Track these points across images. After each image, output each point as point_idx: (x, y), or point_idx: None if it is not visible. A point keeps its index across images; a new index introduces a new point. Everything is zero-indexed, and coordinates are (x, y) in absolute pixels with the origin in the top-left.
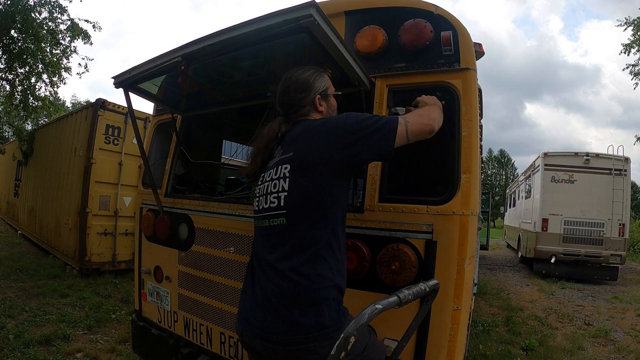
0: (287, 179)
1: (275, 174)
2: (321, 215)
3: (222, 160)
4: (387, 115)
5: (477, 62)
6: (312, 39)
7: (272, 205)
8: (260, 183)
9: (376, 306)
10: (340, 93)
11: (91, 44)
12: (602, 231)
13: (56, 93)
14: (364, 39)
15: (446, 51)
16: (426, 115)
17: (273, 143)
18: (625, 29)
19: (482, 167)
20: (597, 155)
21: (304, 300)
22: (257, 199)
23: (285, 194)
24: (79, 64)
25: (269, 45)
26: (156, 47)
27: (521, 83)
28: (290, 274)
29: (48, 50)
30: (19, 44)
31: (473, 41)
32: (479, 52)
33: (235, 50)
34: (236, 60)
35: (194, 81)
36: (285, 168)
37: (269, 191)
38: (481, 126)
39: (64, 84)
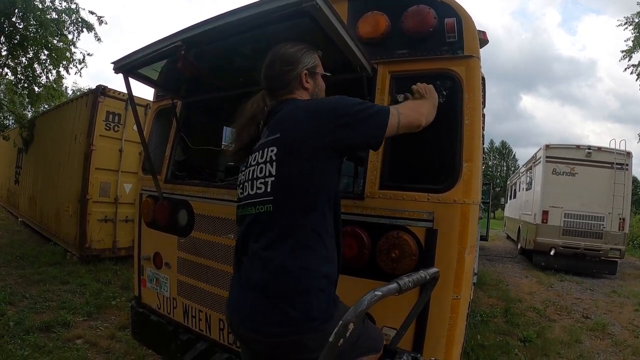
0: (274, 163)
1: (262, 158)
2: (310, 201)
3: (222, 147)
4: (379, 105)
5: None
6: (314, 23)
7: (258, 191)
8: (244, 167)
9: (375, 293)
10: (329, 75)
11: (99, 39)
12: (602, 225)
13: (59, 80)
14: (367, 24)
15: (450, 38)
16: (417, 110)
17: (259, 117)
18: (626, 28)
19: (483, 157)
20: (599, 149)
21: (291, 292)
22: (242, 184)
23: (273, 179)
24: (79, 59)
25: (270, 30)
26: (152, 35)
27: (517, 75)
28: (276, 264)
29: (52, 37)
30: (21, 31)
31: (477, 29)
32: (482, 39)
33: (237, 35)
34: (237, 45)
35: (194, 66)
36: (272, 151)
37: (254, 176)
38: (484, 115)
39: (68, 74)
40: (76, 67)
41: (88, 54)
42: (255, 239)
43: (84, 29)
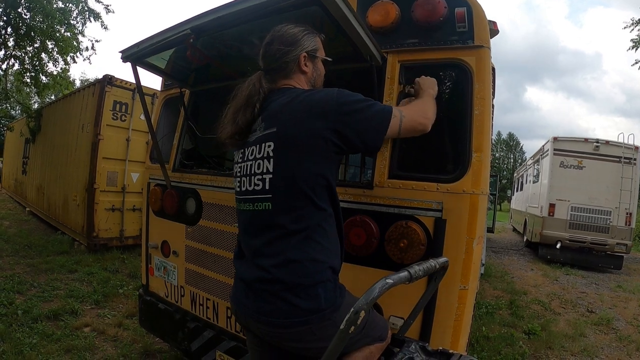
0: (272, 159)
1: (259, 153)
2: (310, 197)
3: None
4: (382, 104)
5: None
6: (324, 11)
7: (256, 188)
8: (241, 160)
9: (387, 281)
10: (330, 60)
11: (106, 28)
12: (609, 219)
13: (66, 69)
14: (377, 13)
15: (460, 28)
16: (423, 113)
17: (254, 99)
18: (632, 29)
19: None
20: (607, 143)
21: (299, 283)
22: (240, 179)
23: (270, 176)
24: (87, 47)
25: (280, 19)
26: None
27: (522, 66)
28: (283, 257)
29: (58, 27)
30: (27, 22)
31: (487, 19)
32: (493, 30)
33: (246, 23)
34: (246, 33)
35: (202, 55)
36: (269, 146)
37: (252, 172)
38: (493, 106)
39: (74, 62)
40: (82, 55)
41: (96, 41)
42: (256, 234)
43: (91, 18)
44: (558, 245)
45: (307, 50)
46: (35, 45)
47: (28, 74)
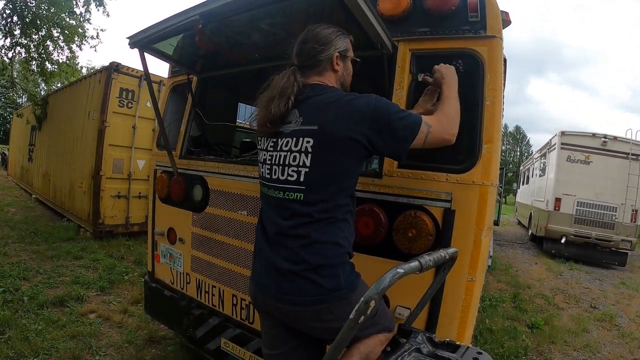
0: (310, 155)
1: (295, 146)
2: (340, 191)
3: (237, 123)
4: (415, 115)
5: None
6: None
7: (289, 178)
8: (272, 149)
9: (398, 270)
10: (358, 60)
11: (107, 14)
12: (615, 215)
13: (73, 57)
14: (388, 1)
15: (472, 17)
16: (449, 129)
17: (289, 91)
18: None
19: None
20: (615, 138)
21: (321, 266)
22: (270, 166)
23: (307, 170)
24: (92, 36)
25: (290, 5)
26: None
27: (526, 59)
28: (306, 242)
29: (64, 15)
30: (33, 10)
31: (500, 9)
32: (505, 20)
33: (256, 8)
34: (255, 19)
35: (211, 41)
36: (308, 142)
37: (287, 163)
38: (503, 97)
39: (81, 50)
40: (88, 43)
41: (101, 30)
42: (283, 217)
43: (95, 4)
44: (563, 240)
45: (339, 50)
46: (41, 33)
47: (34, 62)
